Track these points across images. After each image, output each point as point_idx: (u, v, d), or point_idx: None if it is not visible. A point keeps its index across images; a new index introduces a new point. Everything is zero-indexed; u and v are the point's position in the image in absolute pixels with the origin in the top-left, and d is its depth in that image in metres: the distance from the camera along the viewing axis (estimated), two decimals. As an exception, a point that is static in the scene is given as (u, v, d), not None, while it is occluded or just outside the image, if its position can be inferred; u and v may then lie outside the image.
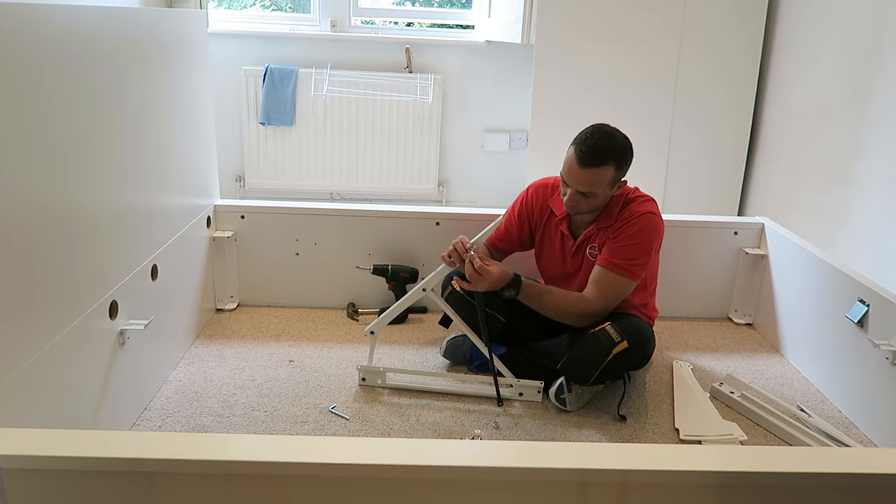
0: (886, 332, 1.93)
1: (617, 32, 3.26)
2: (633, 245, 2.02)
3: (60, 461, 1.10)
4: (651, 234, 2.04)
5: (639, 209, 2.05)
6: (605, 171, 1.96)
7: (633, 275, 2.03)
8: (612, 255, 2.03)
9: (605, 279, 2.03)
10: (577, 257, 2.17)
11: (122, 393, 1.84)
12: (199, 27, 2.40)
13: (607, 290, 2.03)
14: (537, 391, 2.09)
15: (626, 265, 2.02)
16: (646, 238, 2.03)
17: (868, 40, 2.60)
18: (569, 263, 2.20)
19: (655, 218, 2.06)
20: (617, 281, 2.02)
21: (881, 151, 2.49)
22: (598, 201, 2.03)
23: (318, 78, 3.66)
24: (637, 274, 2.03)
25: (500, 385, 2.08)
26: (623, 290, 2.04)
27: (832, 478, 1.15)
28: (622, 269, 2.02)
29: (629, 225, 2.03)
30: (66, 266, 1.57)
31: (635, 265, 2.02)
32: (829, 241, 2.70)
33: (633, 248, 2.02)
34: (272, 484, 1.14)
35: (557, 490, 1.14)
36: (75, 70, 1.59)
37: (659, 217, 2.08)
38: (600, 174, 1.96)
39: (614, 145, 1.97)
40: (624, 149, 1.99)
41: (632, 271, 2.02)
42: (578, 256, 2.17)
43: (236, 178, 3.88)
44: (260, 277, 2.66)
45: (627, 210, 2.06)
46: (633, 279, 2.03)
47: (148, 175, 2.01)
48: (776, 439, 1.97)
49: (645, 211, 2.05)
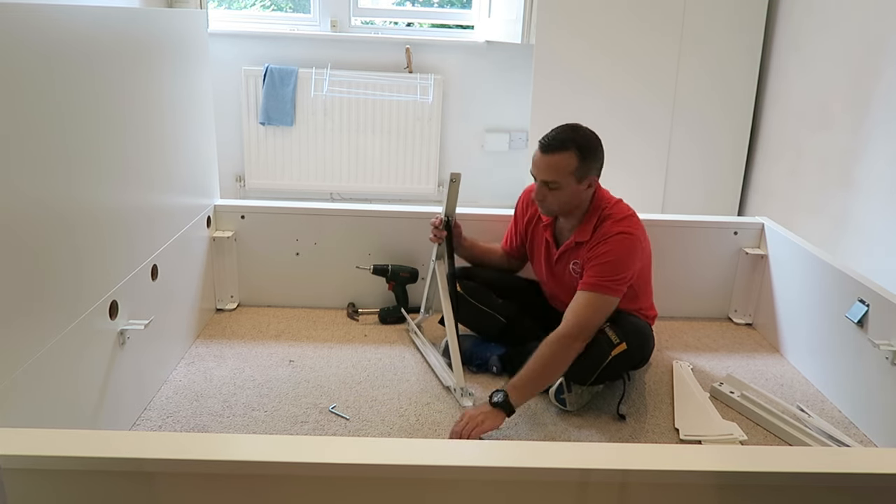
0: (886, 332, 1.93)
1: (617, 32, 3.26)
2: (608, 263, 1.98)
3: (60, 461, 1.10)
4: (626, 254, 1.99)
5: (612, 229, 2.00)
6: (567, 157, 1.95)
7: (612, 290, 1.98)
8: (589, 276, 1.99)
9: (588, 302, 1.97)
10: (559, 266, 2.17)
11: (122, 393, 1.84)
12: (199, 27, 2.40)
13: (589, 313, 1.96)
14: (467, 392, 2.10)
15: (603, 283, 1.97)
16: (621, 257, 1.98)
17: (868, 40, 2.60)
18: (553, 270, 2.20)
19: (629, 237, 2.00)
20: (600, 299, 1.97)
21: (881, 151, 2.49)
22: (565, 195, 2.00)
23: (318, 78, 3.66)
24: (617, 290, 1.99)
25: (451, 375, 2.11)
26: (608, 308, 1.99)
27: (832, 478, 1.15)
28: (601, 288, 1.97)
29: (602, 244, 2.00)
30: (66, 266, 1.57)
31: (613, 281, 1.97)
32: (829, 241, 2.70)
33: (608, 266, 1.98)
34: (272, 484, 1.14)
35: (557, 490, 1.14)
36: (75, 70, 1.59)
37: (634, 234, 2.01)
38: (561, 160, 1.95)
39: (576, 135, 1.97)
40: (587, 139, 1.98)
41: (611, 288, 1.97)
42: (560, 266, 2.16)
43: (236, 178, 3.88)
44: (260, 277, 2.66)
45: (602, 228, 2.02)
46: (615, 295, 1.99)
47: (148, 175, 2.01)
48: (776, 439, 1.97)
49: (618, 231, 2.00)
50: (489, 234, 2.47)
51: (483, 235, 2.46)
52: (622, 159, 3.26)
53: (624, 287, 2.02)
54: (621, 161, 3.20)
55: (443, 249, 2.28)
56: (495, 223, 2.53)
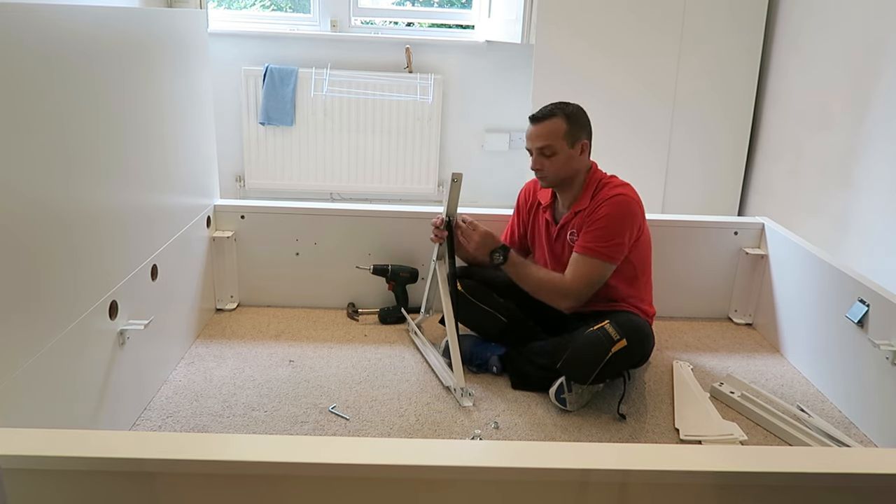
0: (886, 332, 1.93)
1: (617, 32, 3.26)
2: (604, 227, 2.06)
3: (60, 461, 1.10)
4: (622, 215, 2.07)
5: (609, 192, 2.10)
6: (555, 122, 2.07)
7: (607, 257, 2.06)
8: (585, 240, 2.08)
9: (580, 263, 2.08)
10: (559, 243, 2.22)
11: (122, 393, 1.84)
12: (199, 27, 2.40)
13: (582, 274, 2.08)
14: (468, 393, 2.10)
15: (598, 248, 2.05)
16: (616, 220, 2.06)
17: (868, 41, 2.60)
18: (554, 250, 2.24)
19: (626, 198, 2.09)
20: (591, 264, 2.06)
21: (881, 151, 2.49)
22: (560, 160, 2.09)
23: (318, 78, 3.66)
24: (611, 256, 2.06)
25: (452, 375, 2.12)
26: (599, 274, 2.07)
27: (832, 478, 1.15)
28: (595, 252, 2.05)
29: (600, 208, 2.08)
30: (66, 266, 1.57)
31: (608, 246, 2.05)
32: (829, 242, 2.70)
33: (604, 231, 2.06)
34: (272, 484, 1.14)
35: (557, 490, 1.14)
36: (75, 70, 1.59)
37: (631, 198, 2.10)
38: (551, 125, 2.07)
39: (561, 104, 2.11)
40: (573, 109, 2.10)
41: (605, 253, 2.05)
42: (560, 242, 2.22)
43: (236, 178, 3.88)
44: (260, 277, 2.66)
45: (600, 194, 2.11)
46: (608, 261, 2.07)
47: (148, 175, 2.01)
48: (776, 439, 1.97)
49: (615, 193, 2.09)
50: (489, 234, 2.47)
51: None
52: (622, 159, 3.25)
53: (619, 255, 2.07)
54: (621, 161, 3.18)
55: (443, 249, 2.28)
56: (495, 223, 2.53)
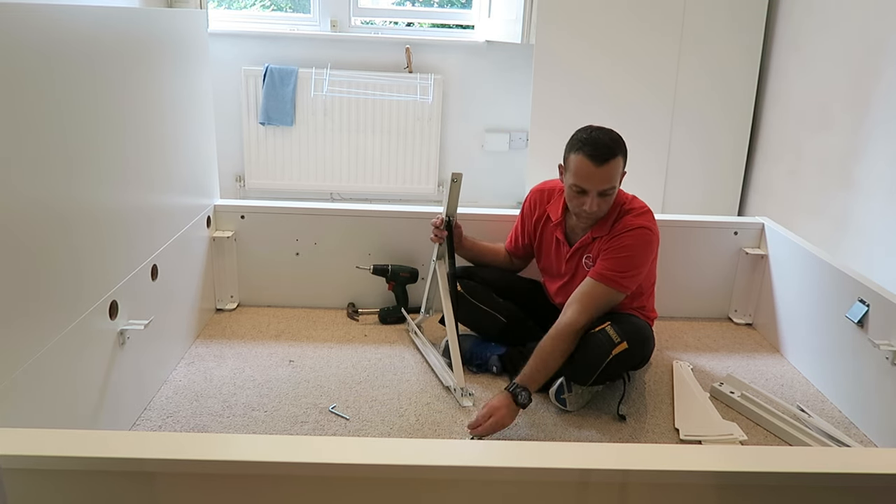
0: (886, 332, 1.93)
1: (617, 32, 3.26)
2: (625, 258, 2.01)
3: (60, 461, 1.10)
4: (644, 249, 2.03)
5: (633, 222, 2.04)
6: (618, 162, 1.98)
7: (623, 287, 2.02)
8: (603, 267, 2.02)
9: (594, 292, 2.01)
10: (571, 263, 2.17)
11: (122, 393, 1.84)
12: (199, 27, 2.40)
13: (594, 303, 2.00)
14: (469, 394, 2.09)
15: (616, 277, 2.00)
16: (638, 252, 2.02)
17: (868, 41, 2.60)
18: (564, 268, 2.20)
19: (649, 233, 2.04)
20: (606, 293, 2.01)
21: (881, 151, 2.49)
22: (614, 198, 2.03)
23: (318, 78, 3.66)
24: (626, 286, 2.02)
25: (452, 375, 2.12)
26: (608, 301, 2.02)
27: (832, 478, 1.15)
28: (612, 282, 2.00)
29: (622, 237, 2.02)
30: (66, 266, 1.57)
31: (625, 277, 2.01)
32: (829, 242, 2.70)
33: (624, 261, 2.01)
34: (272, 484, 1.14)
35: (557, 490, 1.14)
36: (75, 70, 1.59)
37: (653, 231, 2.05)
38: (616, 167, 1.97)
39: (615, 136, 2.00)
40: (621, 138, 2.02)
41: (621, 283, 2.01)
42: (573, 263, 2.17)
43: (236, 178, 3.88)
44: (260, 277, 2.66)
45: (622, 222, 2.05)
46: (623, 291, 2.02)
47: (148, 175, 2.01)
48: (776, 439, 1.97)
49: (639, 225, 2.03)
50: (489, 234, 2.47)
51: (483, 235, 2.46)
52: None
53: (633, 285, 2.04)
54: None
55: (443, 249, 2.28)
56: (495, 223, 2.54)
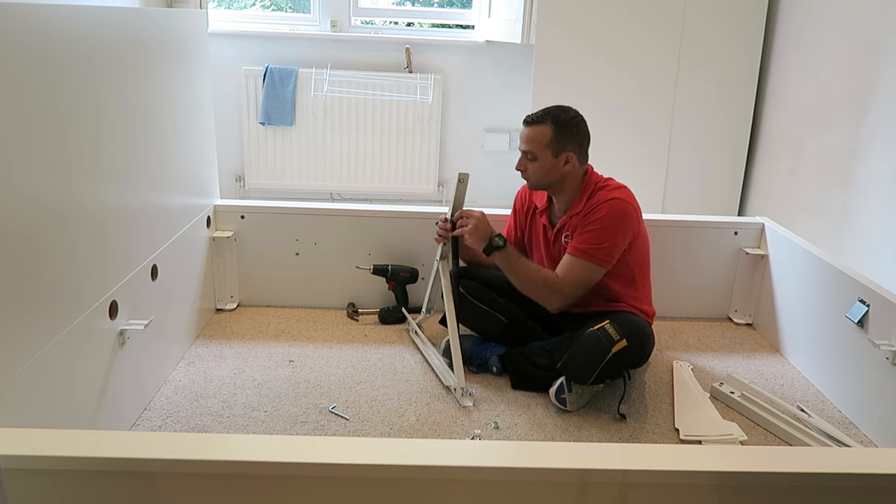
0: (886, 332, 1.93)
1: (617, 32, 3.26)
2: (598, 230, 2.05)
3: (60, 461, 1.10)
4: (619, 220, 2.06)
5: (606, 195, 2.09)
6: (543, 129, 2.06)
7: (599, 260, 2.06)
8: (578, 241, 2.08)
9: (571, 264, 2.08)
10: (556, 246, 2.22)
11: (122, 393, 1.84)
12: (199, 27, 2.40)
13: (572, 274, 2.07)
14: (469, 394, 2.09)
15: (590, 250, 2.05)
16: (610, 223, 2.05)
17: (868, 40, 2.60)
18: (551, 253, 2.24)
19: (622, 203, 2.08)
20: (582, 266, 2.06)
21: (881, 151, 2.49)
22: (541, 167, 2.09)
23: (318, 78, 3.66)
24: (602, 259, 2.06)
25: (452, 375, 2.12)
26: (589, 276, 2.07)
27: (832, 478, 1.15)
28: (587, 255, 2.05)
29: (595, 210, 2.08)
30: (66, 266, 1.57)
31: (600, 249, 2.05)
32: (829, 241, 2.70)
33: (597, 233, 2.05)
34: (272, 484, 1.14)
35: (557, 490, 1.14)
36: (75, 70, 1.59)
37: (627, 201, 2.09)
38: (537, 132, 2.07)
39: (555, 110, 2.09)
40: (565, 116, 2.08)
41: (597, 256, 2.05)
42: (557, 245, 2.21)
43: (236, 178, 3.88)
44: (260, 277, 2.66)
45: (596, 196, 2.11)
46: (599, 264, 2.06)
47: (148, 175, 2.01)
48: (776, 439, 1.97)
49: (612, 197, 2.08)
50: (489, 234, 2.47)
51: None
52: (622, 159, 3.26)
53: (611, 258, 2.07)
54: (621, 161, 3.20)
55: (447, 249, 2.28)
56: (495, 223, 2.52)
